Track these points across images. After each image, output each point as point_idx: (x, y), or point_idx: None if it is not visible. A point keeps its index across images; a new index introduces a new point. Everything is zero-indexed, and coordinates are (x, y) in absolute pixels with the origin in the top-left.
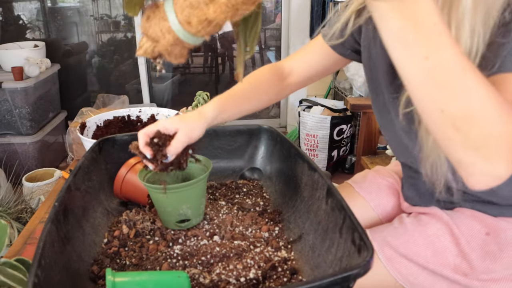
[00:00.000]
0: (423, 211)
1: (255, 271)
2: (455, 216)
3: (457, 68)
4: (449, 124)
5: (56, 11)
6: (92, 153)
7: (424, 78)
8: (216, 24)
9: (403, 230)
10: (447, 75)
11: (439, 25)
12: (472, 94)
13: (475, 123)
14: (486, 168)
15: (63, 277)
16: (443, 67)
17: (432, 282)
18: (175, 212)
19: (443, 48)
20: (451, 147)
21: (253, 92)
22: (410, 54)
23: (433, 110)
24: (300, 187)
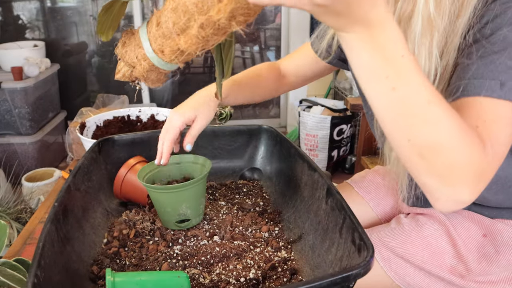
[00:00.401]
0: (420, 212)
1: (255, 271)
2: (452, 217)
3: (423, 100)
4: (415, 152)
5: (55, 11)
6: (92, 153)
7: (391, 108)
8: (189, 54)
9: (400, 231)
10: (413, 106)
11: (406, 57)
12: (438, 125)
13: (440, 153)
14: (450, 194)
15: (62, 277)
16: (410, 99)
17: (429, 283)
18: (175, 212)
19: (410, 79)
20: (416, 173)
21: (255, 80)
22: (378, 85)
23: (400, 139)
24: (300, 187)
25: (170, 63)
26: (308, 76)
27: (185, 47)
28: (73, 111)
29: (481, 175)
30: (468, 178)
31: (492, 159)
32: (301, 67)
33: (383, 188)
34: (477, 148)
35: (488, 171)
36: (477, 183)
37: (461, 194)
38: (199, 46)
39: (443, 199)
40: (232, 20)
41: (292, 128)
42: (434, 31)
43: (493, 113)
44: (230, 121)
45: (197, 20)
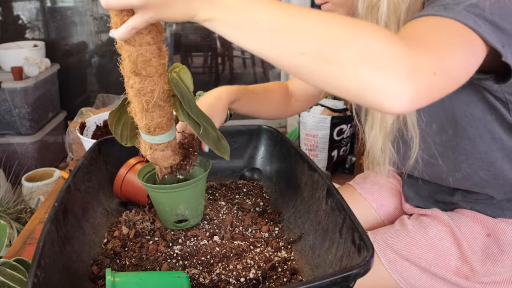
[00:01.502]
0: (424, 213)
1: (255, 271)
2: (455, 218)
3: (290, 14)
4: (318, 61)
5: (55, 11)
6: (92, 153)
7: (268, 39)
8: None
9: (405, 232)
10: (286, 21)
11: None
12: (324, 24)
13: (343, 46)
14: (383, 85)
15: (62, 277)
16: (278, 18)
17: (434, 285)
18: (173, 212)
19: (265, 10)
20: (340, 83)
21: (263, 95)
22: (244, 30)
23: (297, 59)
24: (300, 187)
25: (158, 135)
26: (316, 94)
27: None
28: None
29: (413, 68)
30: (390, 64)
31: (426, 54)
32: (305, 85)
33: (386, 189)
34: (386, 36)
35: (423, 66)
36: (410, 75)
37: (395, 85)
38: (162, 115)
39: (381, 96)
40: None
41: (292, 128)
42: (399, 14)
43: (433, 24)
44: (230, 121)
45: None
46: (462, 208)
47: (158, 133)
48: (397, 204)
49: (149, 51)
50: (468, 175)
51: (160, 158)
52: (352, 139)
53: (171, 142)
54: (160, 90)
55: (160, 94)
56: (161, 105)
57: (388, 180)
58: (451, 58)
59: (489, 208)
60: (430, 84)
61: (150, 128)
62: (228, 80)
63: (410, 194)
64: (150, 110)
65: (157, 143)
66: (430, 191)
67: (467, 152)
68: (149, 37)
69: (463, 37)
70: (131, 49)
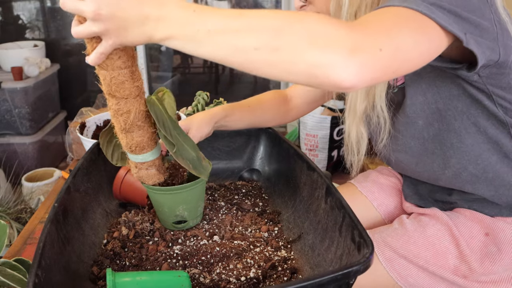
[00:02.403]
0: (423, 212)
1: (255, 271)
2: (454, 217)
3: (233, 17)
4: (269, 51)
5: (55, 11)
6: (91, 154)
7: (221, 43)
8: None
9: (403, 231)
10: (231, 26)
11: (197, 10)
12: (268, 17)
13: (286, 33)
14: (326, 59)
15: (63, 277)
16: (226, 22)
17: (431, 284)
18: (172, 213)
19: (213, 18)
20: (291, 68)
21: (258, 106)
22: (198, 40)
23: (250, 56)
24: (299, 187)
25: (140, 154)
26: (311, 99)
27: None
28: (73, 111)
29: (356, 44)
30: (333, 42)
31: (368, 33)
32: (304, 90)
33: (387, 188)
34: (325, 20)
35: (366, 42)
36: (354, 49)
37: (340, 59)
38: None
39: (329, 71)
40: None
41: (292, 128)
42: (361, 4)
43: (385, 11)
44: None
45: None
46: (461, 208)
47: (140, 152)
48: (397, 203)
49: (121, 74)
50: (458, 171)
51: (145, 177)
52: None
53: (155, 161)
54: (136, 111)
55: (137, 115)
56: (139, 125)
57: (389, 179)
58: (397, 36)
59: (487, 207)
60: (377, 59)
61: (131, 147)
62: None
63: (410, 193)
64: (128, 130)
65: (141, 162)
66: (429, 190)
67: (454, 146)
68: (120, 61)
69: (414, 21)
70: (105, 73)
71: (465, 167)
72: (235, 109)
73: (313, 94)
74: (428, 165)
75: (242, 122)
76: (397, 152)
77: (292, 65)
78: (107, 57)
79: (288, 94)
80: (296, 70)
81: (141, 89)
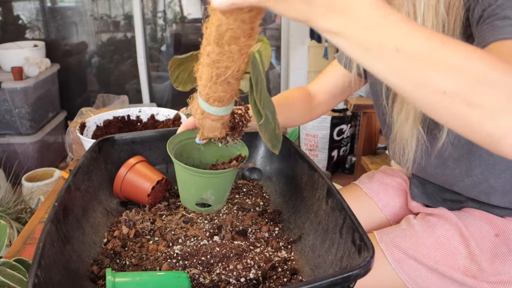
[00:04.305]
0: (430, 212)
1: (255, 271)
2: (463, 217)
3: (435, 43)
4: (460, 102)
5: (55, 11)
6: (92, 153)
7: (406, 69)
8: (222, 98)
9: (412, 231)
10: (428, 54)
11: (390, 16)
12: (468, 61)
13: (486, 87)
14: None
15: (63, 277)
16: (419, 50)
17: (441, 285)
18: (198, 195)
19: (408, 34)
20: (474, 127)
21: (286, 105)
22: (378, 54)
23: (435, 97)
24: (300, 187)
25: (215, 107)
26: (338, 92)
27: (216, 94)
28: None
29: None
30: None
31: None
32: (329, 84)
33: (392, 188)
34: None
35: None
36: None
37: None
38: (227, 90)
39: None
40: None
41: (292, 128)
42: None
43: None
44: None
45: (216, 72)
46: (470, 208)
47: (216, 105)
48: (403, 203)
49: (241, 28)
50: (478, 181)
51: (208, 127)
52: (352, 139)
53: (224, 117)
54: (236, 68)
55: (234, 73)
56: (230, 82)
57: (394, 179)
58: None
59: (498, 207)
60: None
61: (210, 98)
62: None
63: (418, 192)
64: (217, 83)
65: (211, 113)
66: (439, 190)
67: (481, 157)
68: (247, 15)
69: None
70: (223, 20)
71: (487, 179)
72: None
73: (337, 89)
74: (449, 170)
75: None
76: (423, 155)
77: (478, 125)
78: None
79: (311, 90)
80: (480, 131)
81: (250, 48)
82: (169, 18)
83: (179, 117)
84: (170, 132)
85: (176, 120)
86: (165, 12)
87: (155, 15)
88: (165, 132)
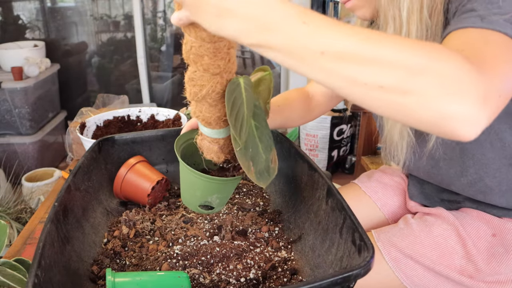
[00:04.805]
0: (428, 212)
1: (255, 271)
2: (460, 217)
3: (359, 41)
4: (397, 93)
5: (55, 11)
6: (92, 153)
7: (338, 70)
8: (208, 118)
9: (409, 231)
10: (359, 50)
11: (313, 22)
12: (395, 52)
13: (421, 75)
14: (459, 111)
15: (63, 277)
16: (348, 47)
17: (437, 284)
18: (203, 198)
19: (332, 36)
20: (414, 114)
21: (286, 105)
22: (306, 61)
23: (373, 93)
24: (300, 187)
25: (207, 128)
26: (334, 94)
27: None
28: (73, 111)
29: (486, 94)
30: (467, 91)
31: (492, 77)
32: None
33: (391, 187)
34: (460, 61)
35: (492, 90)
36: (484, 100)
37: (473, 113)
38: (212, 112)
39: (458, 124)
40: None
41: (292, 128)
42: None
43: (480, 37)
44: None
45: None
46: (468, 208)
47: (205, 125)
48: (401, 203)
49: (203, 47)
50: (474, 181)
51: (205, 148)
52: (352, 139)
53: (219, 141)
54: (210, 89)
55: (210, 93)
56: (210, 103)
57: (392, 178)
58: (509, 76)
59: (495, 208)
60: (497, 107)
61: (198, 117)
62: None
63: (416, 192)
64: (198, 101)
65: (205, 134)
66: (436, 190)
67: (475, 157)
68: (204, 33)
69: (510, 50)
70: (188, 38)
71: (482, 178)
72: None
73: (331, 93)
74: (444, 170)
75: (274, 122)
76: (416, 154)
77: (418, 112)
78: (192, 24)
79: (309, 91)
80: (421, 118)
81: (224, 69)
82: (169, 18)
83: (179, 117)
84: (170, 132)
85: (176, 120)
86: (165, 12)
87: (155, 15)
88: (165, 132)
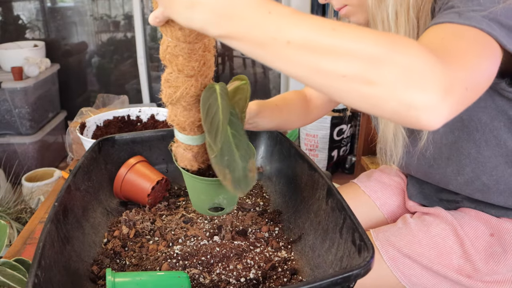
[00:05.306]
0: (427, 211)
1: (255, 271)
2: (459, 217)
3: (323, 31)
4: (361, 83)
5: (55, 11)
6: (92, 153)
7: (302, 60)
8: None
9: (407, 230)
10: (323, 40)
11: (275, 11)
12: (359, 42)
13: (382, 65)
14: (421, 100)
15: (63, 277)
16: (312, 37)
17: (435, 283)
18: (210, 200)
19: (295, 25)
20: (378, 103)
21: (284, 106)
22: (272, 50)
23: (336, 82)
24: (300, 187)
25: (181, 133)
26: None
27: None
28: (73, 111)
29: (450, 85)
30: (430, 81)
31: (458, 70)
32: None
33: (390, 187)
34: (424, 53)
35: (458, 82)
36: (448, 91)
37: (435, 102)
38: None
39: (420, 114)
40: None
41: None
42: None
43: (455, 32)
44: None
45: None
46: (466, 207)
47: (180, 130)
48: (400, 202)
49: (178, 47)
50: (471, 179)
51: (179, 156)
52: (352, 139)
53: (193, 148)
54: (184, 92)
55: (184, 96)
56: (185, 106)
57: (392, 178)
58: (478, 70)
59: (493, 208)
60: (463, 98)
61: (173, 122)
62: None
63: (414, 192)
64: (172, 104)
65: (179, 140)
66: (435, 190)
67: (471, 156)
68: (180, 33)
69: (484, 45)
70: (164, 38)
71: (479, 176)
72: (266, 107)
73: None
74: (441, 169)
75: (272, 121)
76: (410, 153)
77: (382, 101)
78: (168, 23)
79: (307, 94)
80: (385, 107)
81: (198, 72)
82: None
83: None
84: (170, 132)
85: None
86: None
87: None
88: (165, 132)
